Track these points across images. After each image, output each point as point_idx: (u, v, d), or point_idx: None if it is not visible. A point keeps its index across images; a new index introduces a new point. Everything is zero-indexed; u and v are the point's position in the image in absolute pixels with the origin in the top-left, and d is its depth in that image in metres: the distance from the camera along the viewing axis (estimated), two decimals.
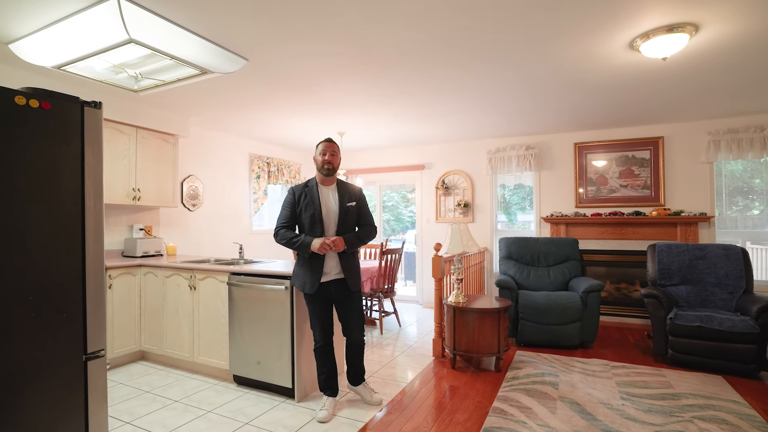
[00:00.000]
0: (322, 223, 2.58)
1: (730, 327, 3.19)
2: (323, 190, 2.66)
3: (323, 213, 2.59)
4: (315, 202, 2.59)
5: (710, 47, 2.73)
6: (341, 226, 2.62)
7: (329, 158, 2.61)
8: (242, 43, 2.68)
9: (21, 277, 1.40)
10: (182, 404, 2.79)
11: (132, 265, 3.60)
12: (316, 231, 2.58)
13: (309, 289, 2.58)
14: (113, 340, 3.44)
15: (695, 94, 3.77)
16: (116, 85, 3.18)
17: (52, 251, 1.49)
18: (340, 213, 2.61)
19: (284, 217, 2.64)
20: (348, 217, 2.64)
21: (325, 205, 2.61)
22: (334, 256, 2.62)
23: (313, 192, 2.62)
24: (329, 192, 2.67)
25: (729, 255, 3.79)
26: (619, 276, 5.07)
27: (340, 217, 2.61)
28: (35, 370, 1.43)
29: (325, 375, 2.69)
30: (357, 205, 2.70)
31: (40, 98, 1.48)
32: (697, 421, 2.46)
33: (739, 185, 4.63)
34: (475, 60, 2.95)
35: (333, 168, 2.63)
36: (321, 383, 2.70)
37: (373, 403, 2.76)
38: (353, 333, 2.72)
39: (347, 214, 2.63)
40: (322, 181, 2.67)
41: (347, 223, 2.64)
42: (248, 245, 5.67)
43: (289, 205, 2.65)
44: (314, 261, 2.58)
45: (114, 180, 3.77)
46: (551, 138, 5.39)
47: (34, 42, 2.58)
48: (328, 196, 2.65)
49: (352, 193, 2.70)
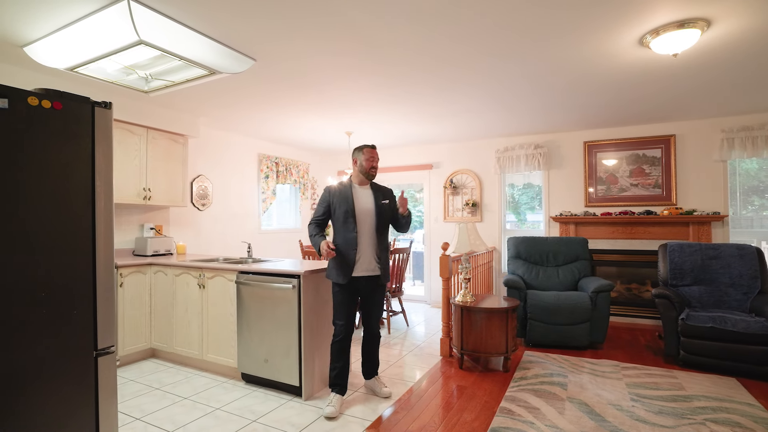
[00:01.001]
0: (355, 218, 2.74)
1: (745, 328, 3.13)
2: (358, 189, 2.84)
3: (356, 209, 2.76)
4: (349, 200, 2.77)
5: (723, 43, 2.68)
6: (378, 222, 2.80)
7: (375, 163, 2.84)
8: (250, 44, 2.70)
9: (33, 275, 1.43)
10: (191, 401, 2.82)
11: (143, 263, 3.65)
12: (348, 225, 2.74)
13: (342, 280, 2.70)
14: (124, 337, 3.49)
15: (707, 91, 3.70)
16: (127, 86, 3.23)
17: (63, 249, 1.51)
18: (376, 210, 2.81)
19: (317, 213, 2.86)
20: (384, 214, 2.83)
21: (359, 204, 2.79)
22: (371, 252, 2.76)
23: (348, 191, 2.81)
24: (363, 191, 2.85)
25: (743, 255, 3.72)
26: (629, 276, 5.00)
27: (377, 213, 2.80)
28: (47, 365, 1.46)
29: (337, 371, 2.73)
30: (391, 202, 2.90)
31: (52, 99, 1.51)
32: (710, 423, 2.41)
33: (754, 184, 4.53)
34: (483, 58, 2.93)
35: (376, 173, 2.88)
36: (332, 379, 2.74)
37: (382, 396, 2.87)
38: (373, 324, 2.89)
39: (383, 210, 2.82)
40: (359, 182, 2.86)
41: (383, 219, 2.83)
42: (257, 244, 5.71)
43: (323, 202, 2.85)
44: (347, 254, 2.72)
45: (125, 180, 3.83)
46: (560, 137, 5.34)
47: (47, 44, 2.63)
48: (362, 195, 2.83)
49: (386, 192, 2.91)
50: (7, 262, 1.37)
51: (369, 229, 2.77)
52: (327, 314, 3.08)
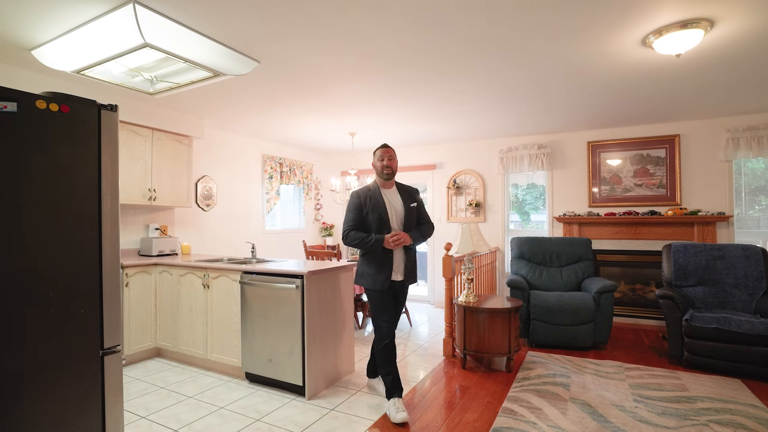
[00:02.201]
0: (389, 223, 2.71)
1: (749, 329, 3.11)
2: (386, 193, 2.79)
3: (389, 214, 2.72)
4: (380, 205, 2.72)
5: (726, 43, 2.67)
6: (406, 225, 2.77)
7: (387, 162, 2.74)
8: (254, 46, 2.72)
9: (41, 275, 1.46)
10: (196, 400, 2.85)
11: (148, 263, 3.69)
12: (383, 231, 2.70)
13: (380, 287, 2.67)
14: (130, 336, 3.53)
15: (711, 91, 3.68)
16: (132, 88, 3.26)
17: (70, 250, 1.54)
18: (405, 213, 2.77)
19: (351, 220, 2.74)
20: (411, 217, 2.80)
21: (390, 207, 2.75)
22: (401, 254, 2.75)
23: (377, 195, 2.75)
24: (391, 194, 2.81)
25: (748, 255, 3.70)
26: (633, 276, 4.98)
27: (405, 217, 2.76)
28: (55, 363, 1.49)
29: (392, 375, 2.65)
30: (418, 205, 2.86)
31: (60, 102, 1.54)
32: (713, 425, 2.41)
33: (761, 184, 4.50)
34: (486, 59, 2.94)
35: (392, 171, 2.76)
36: (388, 384, 2.63)
37: (382, 395, 2.88)
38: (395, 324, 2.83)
39: (410, 213, 2.79)
40: (383, 185, 2.80)
41: (410, 222, 2.80)
42: (261, 245, 5.74)
43: (355, 209, 2.75)
44: (384, 259, 2.69)
45: (130, 181, 3.87)
46: (564, 137, 5.33)
47: (55, 48, 2.67)
48: (392, 198, 2.79)
49: (412, 194, 2.86)
50: (16, 263, 1.40)
51: (399, 229, 2.74)
52: (330, 314, 3.10)
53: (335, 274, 3.18)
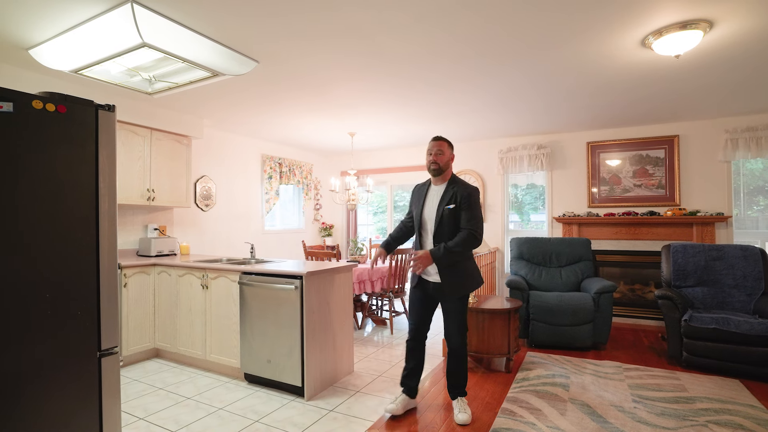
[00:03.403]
0: (420, 224, 2.58)
1: (748, 330, 3.11)
2: (433, 189, 2.60)
3: (423, 216, 2.56)
4: (420, 202, 2.61)
5: (725, 44, 2.66)
6: (438, 231, 2.47)
7: (435, 158, 2.52)
8: (252, 46, 2.72)
9: (38, 276, 1.45)
10: (194, 401, 2.84)
11: (147, 264, 3.68)
12: (417, 230, 2.61)
13: (413, 283, 2.65)
14: (128, 337, 3.52)
15: (711, 92, 3.68)
16: (131, 87, 3.25)
17: (67, 251, 1.53)
18: (436, 218, 2.48)
19: (407, 214, 2.80)
20: (443, 223, 2.46)
21: (427, 207, 2.56)
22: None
23: (423, 191, 2.63)
24: (436, 192, 2.56)
25: (747, 256, 3.70)
26: (633, 277, 4.98)
27: (436, 222, 2.47)
28: (51, 365, 1.48)
29: (407, 371, 2.65)
30: (459, 207, 2.44)
31: (56, 102, 1.53)
32: (712, 425, 2.41)
33: (759, 184, 4.51)
34: (486, 59, 2.94)
35: (439, 167, 2.51)
36: (401, 378, 2.68)
37: (456, 421, 2.49)
38: (450, 337, 2.55)
39: (442, 219, 2.46)
40: (434, 181, 2.61)
41: (442, 228, 2.46)
42: (260, 245, 5.73)
43: (410, 203, 2.76)
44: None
45: (129, 181, 3.86)
46: (563, 137, 5.32)
47: (52, 47, 2.66)
48: (433, 196, 2.56)
49: (457, 194, 2.46)
50: (13, 264, 1.39)
51: (431, 238, 2.51)
52: (330, 315, 3.09)
53: (334, 275, 3.17)
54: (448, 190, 2.51)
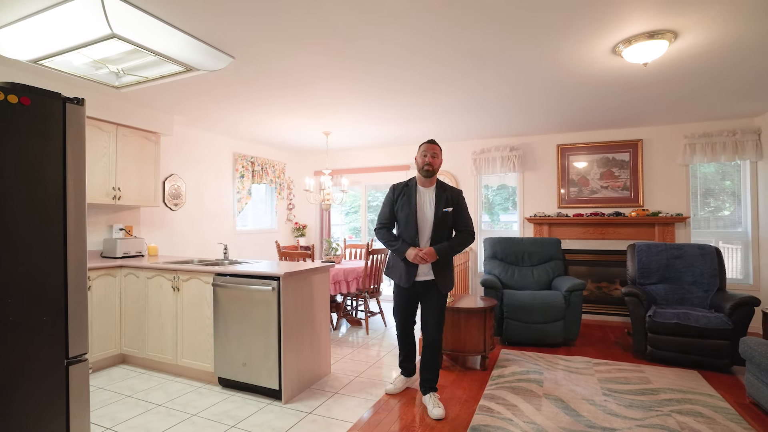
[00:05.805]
0: (416, 226, 2.62)
1: (705, 324, 3.31)
2: (421, 191, 2.67)
3: (418, 217, 2.62)
4: (411, 204, 2.63)
5: (688, 54, 2.82)
6: (435, 233, 2.61)
7: (430, 160, 2.61)
8: (228, 41, 2.64)
9: None
10: (165, 408, 2.73)
11: (112, 266, 3.50)
12: (410, 231, 2.63)
13: (404, 284, 2.68)
14: (92, 343, 3.34)
15: (673, 99, 3.89)
16: (96, 80, 3.09)
17: (32, 252, 1.44)
18: (435, 220, 2.60)
19: (383, 216, 2.75)
20: (442, 224, 2.63)
21: (421, 209, 2.64)
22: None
23: (411, 192, 2.65)
24: (427, 194, 2.67)
25: (704, 254, 3.92)
26: (600, 275, 5.19)
27: (435, 224, 2.61)
28: (15, 375, 1.38)
29: (402, 356, 2.95)
30: (454, 210, 2.65)
31: (20, 94, 1.43)
32: (675, 414, 2.54)
33: (711, 187, 4.80)
34: (462, 59, 2.97)
35: (433, 169, 2.63)
36: (399, 362, 2.98)
37: (430, 416, 2.56)
38: (429, 330, 2.70)
39: (441, 220, 2.62)
40: (422, 183, 2.69)
41: (441, 230, 2.63)
42: (232, 245, 5.59)
43: (388, 203, 2.73)
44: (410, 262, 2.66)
45: (93, 179, 3.67)
46: (535, 139, 5.48)
47: (10, 33, 2.48)
48: (425, 199, 2.66)
49: (450, 198, 2.66)
50: None
51: (427, 238, 2.63)
52: (307, 316, 3.05)
53: (311, 276, 3.13)
54: (440, 193, 2.66)
